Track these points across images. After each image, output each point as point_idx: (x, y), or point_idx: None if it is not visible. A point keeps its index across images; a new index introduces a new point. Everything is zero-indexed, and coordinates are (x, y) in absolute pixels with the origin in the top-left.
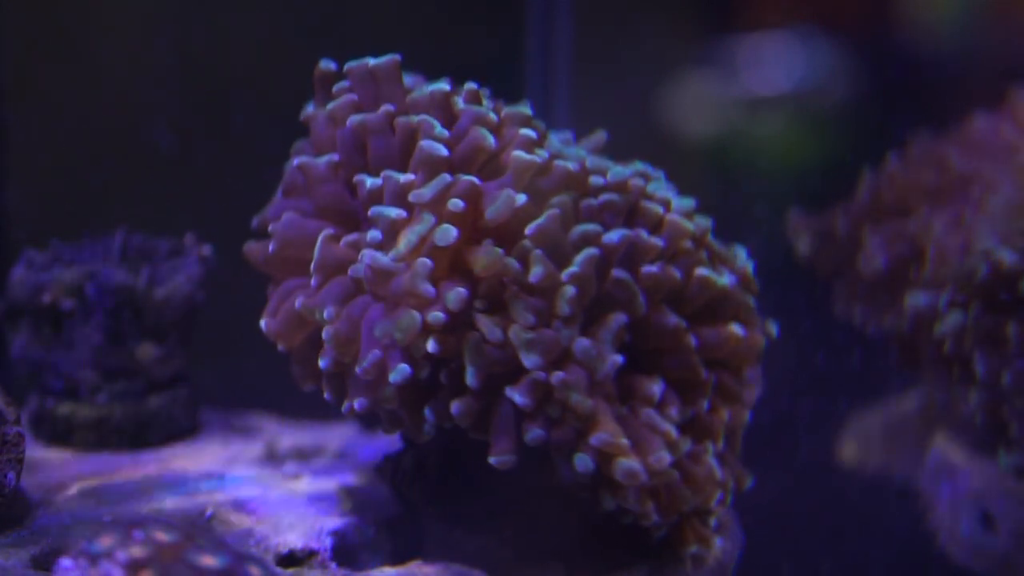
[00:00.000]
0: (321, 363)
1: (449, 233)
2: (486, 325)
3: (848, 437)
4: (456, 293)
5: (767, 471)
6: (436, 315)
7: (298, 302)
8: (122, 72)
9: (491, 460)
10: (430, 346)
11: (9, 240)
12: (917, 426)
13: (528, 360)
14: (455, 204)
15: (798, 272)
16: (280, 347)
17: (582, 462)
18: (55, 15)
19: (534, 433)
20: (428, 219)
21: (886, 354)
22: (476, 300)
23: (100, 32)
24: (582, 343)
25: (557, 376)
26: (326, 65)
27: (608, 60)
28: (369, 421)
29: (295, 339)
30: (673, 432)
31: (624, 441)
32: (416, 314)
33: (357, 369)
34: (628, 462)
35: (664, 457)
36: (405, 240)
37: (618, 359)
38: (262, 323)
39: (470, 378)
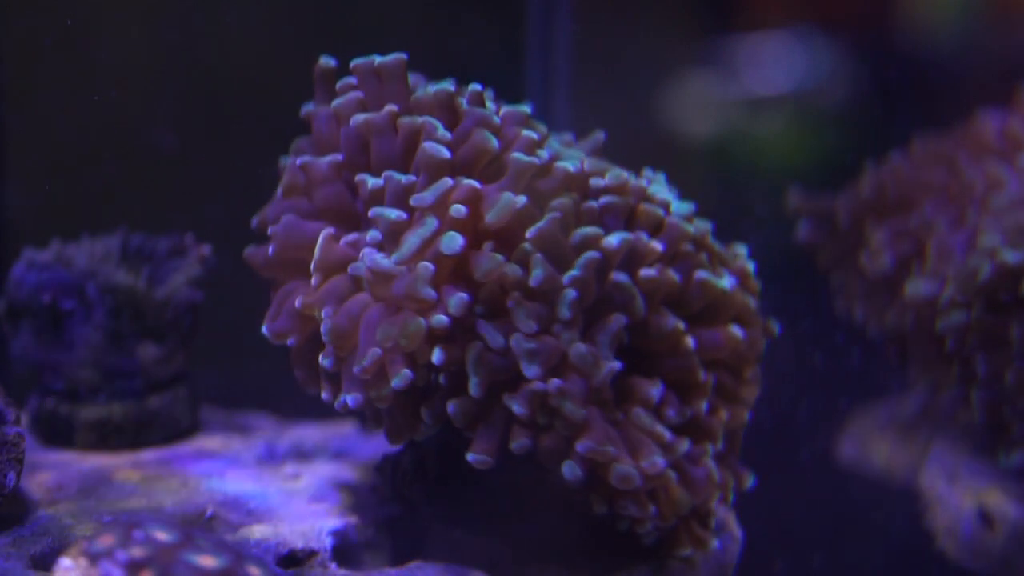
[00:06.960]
0: (325, 362)
1: (455, 241)
2: (489, 332)
3: (848, 437)
4: (457, 298)
5: (767, 471)
6: (440, 318)
7: (298, 301)
8: (122, 72)
9: (469, 458)
10: (435, 357)
11: (9, 240)
12: (917, 426)
13: (529, 370)
14: (457, 210)
15: (798, 271)
16: (290, 341)
17: (570, 469)
18: (55, 15)
19: (520, 443)
20: (431, 223)
21: (886, 354)
22: (476, 304)
23: (100, 32)
24: (579, 348)
25: (554, 383)
26: (326, 62)
27: (608, 60)
28: (364, 418)
29: (299, 335)
30: (666, 435)
31: (609, 449)
32: (422, 320)
33: (355, 368)
34: (623, 467)
35: (657, 462)
36: (407, 244)
37: (616, 365)
38: (264, 328)
39: (474, 388)
